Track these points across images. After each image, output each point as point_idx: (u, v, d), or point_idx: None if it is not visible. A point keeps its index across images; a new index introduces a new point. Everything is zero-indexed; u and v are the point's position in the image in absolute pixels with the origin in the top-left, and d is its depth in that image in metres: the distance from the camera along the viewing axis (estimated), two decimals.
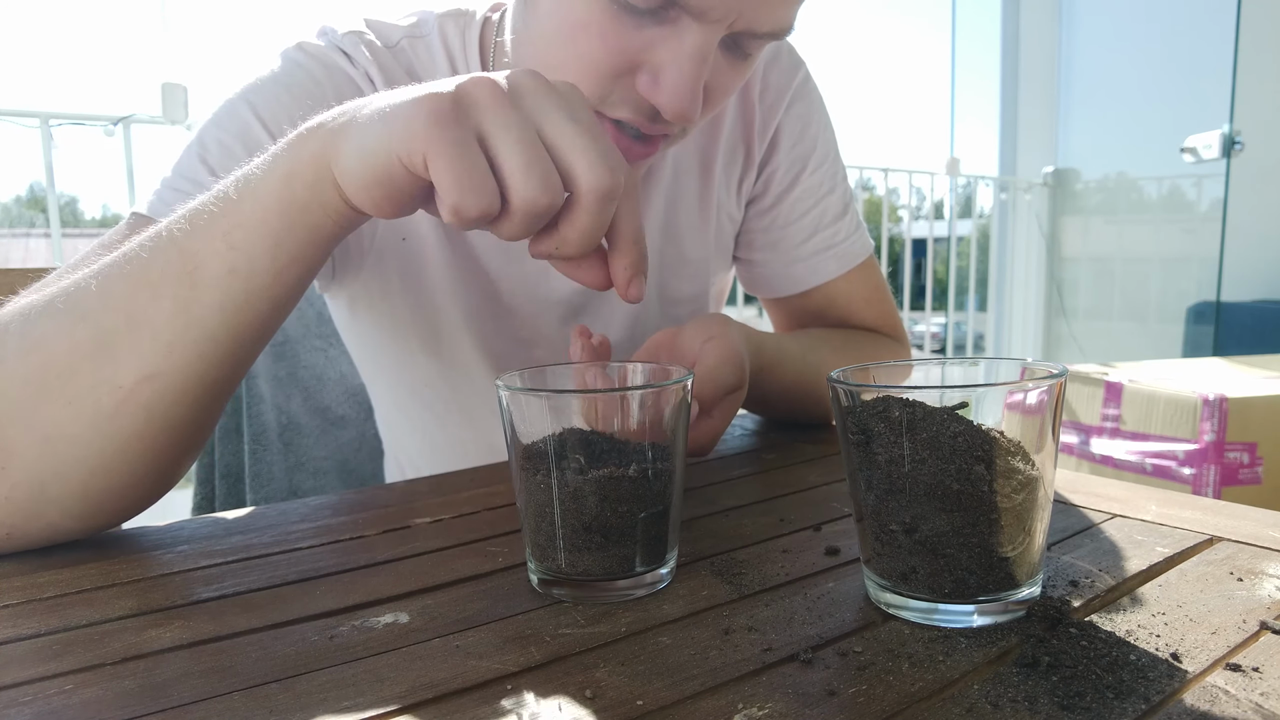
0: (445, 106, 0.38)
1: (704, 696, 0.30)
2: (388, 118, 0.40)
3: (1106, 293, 3.25)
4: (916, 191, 3.06)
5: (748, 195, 0.81)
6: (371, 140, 0.40)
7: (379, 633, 0.36)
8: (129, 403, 0.44)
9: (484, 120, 0.39)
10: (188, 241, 0.44)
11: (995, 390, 0.36)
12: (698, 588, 0.41)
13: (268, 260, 0.44)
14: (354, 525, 0.51)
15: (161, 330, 0.44)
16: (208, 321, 0.44)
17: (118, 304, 0.44)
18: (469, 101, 0.39)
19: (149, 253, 0.44)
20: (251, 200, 0.44)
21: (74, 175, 1.80)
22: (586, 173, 0.39)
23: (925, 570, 0.35)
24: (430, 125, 0.38)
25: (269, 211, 0.43)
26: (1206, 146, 2.68)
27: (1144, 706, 0.29)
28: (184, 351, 0.44)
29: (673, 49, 0.52)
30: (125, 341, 0.44)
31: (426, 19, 0.69)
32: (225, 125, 0.60)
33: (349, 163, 0.41)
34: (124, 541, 0.49)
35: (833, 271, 0.80)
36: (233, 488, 0.96)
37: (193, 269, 0.43)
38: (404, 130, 0.39)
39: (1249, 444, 1.42)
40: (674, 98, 0.52)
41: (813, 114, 0.80)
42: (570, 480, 0.38)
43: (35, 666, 0.34)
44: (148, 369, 0.44)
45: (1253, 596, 0.38)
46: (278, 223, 0.43)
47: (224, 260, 0.43)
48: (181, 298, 0.43)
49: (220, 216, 0.44)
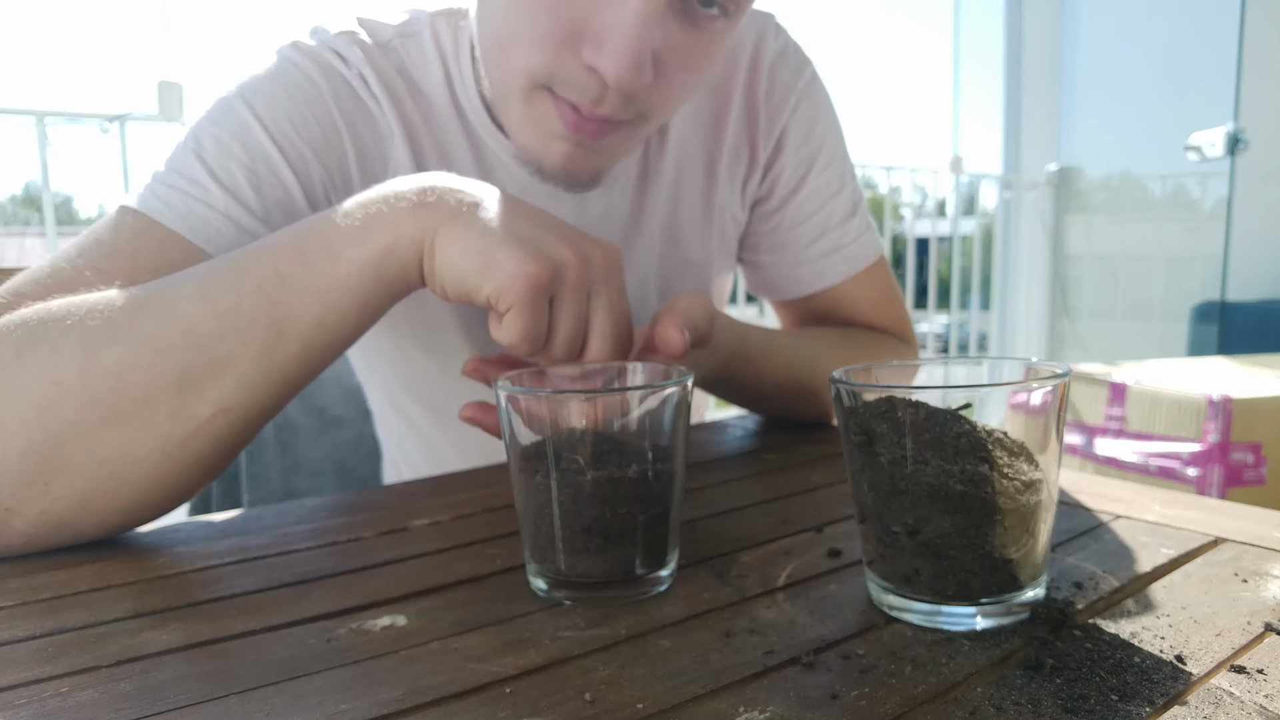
0: (544, 281, 0.46)
1: (705, 700, 0.30)
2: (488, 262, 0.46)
3: (1110, 292, 3.24)
4: (919, 190, 3.06)
5: (753, 197, 0.80)
6: (469, 271, 0.47)
7: (376, 635, 0.36)
8: (201, 432, 0.47)
9: (560, 292, 0.48)
10: (279, 294, 0.47)
11: (999, 390, 0.36)
12: (698, 590, 0.40)
13: (354, 317, 0.49)
14: (351, 527, 0.51)
15: (245, 371, 0.47)
16: (289, 365, 0.48)
17: (204, 344, 0.46)
18: (560, 276, 0.47)
19: (236, 295, 0.47)
20: (347, 265, 0.48)
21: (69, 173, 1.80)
22: (596, 352, 0.50)
23: (928, 572, 0.35)
24: (525, 290, 0.45)
25: (364, 277, 0.48)
26: (1211, 144, 2.67)
27: (1148, 709, 0.28)
28: (262, 390, 0.48)
29: (614, 11, 0.51)
30: (209, 381, 0.46)
31: (418, 17, 0.69)
32: (222, 123, 0.60)
33: (444, 272, 0.48)
34: (120, 543, 0.49)
35: (841, 274, 0.79)
36: (229, 489, 0.96)
37: (282, 319, 0.47)
38: (501, 285, 0.46)
39: (1254, 445, 1.41)
40: (615, 61, 0.51)
41: (819, 114, 0.78)
42: (569, 482, 0.38)
43: (31, 668, 0.34)
44: (225, 403, 0.47)
45: (1258, 598, 0.37)
46: (371, 288, 0.48)
47: (316, 315, 0.47)
48: (268, 344, 0.47)
49: (313, 275, 0.47)
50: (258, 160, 0.59)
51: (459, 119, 0.68)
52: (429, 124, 0.68)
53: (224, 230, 0.57)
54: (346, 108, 0.64)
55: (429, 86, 0.67)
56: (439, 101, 0.68)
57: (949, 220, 3.16)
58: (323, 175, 0.63)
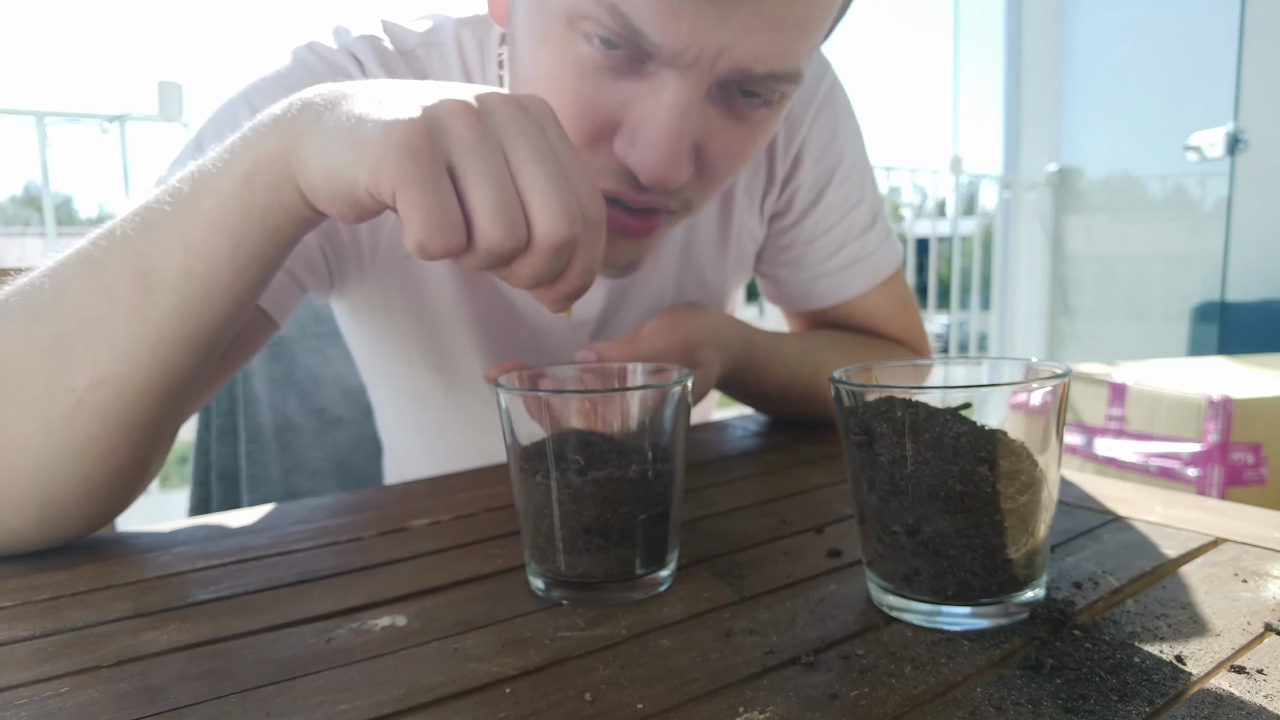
0: (417, 137, 0.37)
1: (705, 700, 0.30)
2: (356, 140, 0.38)
3: (1110, 292, 3.24)
4: (919, 190, 3.06)
5: (770, 212, 0.77)
6: (337, 160, 0.39)
7: (376, 635, 0.36)
8: (83, 406, 0.43)
9: (454, 150, 0.37)
10: (142, 242, 0.42)
11: (999, 390, 0.36)
12: (699, 590, 0.40)
13: (227, 261, 0.42)
14: (351, 527, 0.51)
15: (116, 333, 0.42)
16: (164, 324, 0.42)
17: (72, 305, 0.42)
18: (440, 129, 0.37)
19: (103, 252, 0.43)
20: (210, 198, 0.42)
21: (69, 173, 1.79)
22: (543, 222, 0.38)
23: (928, 572, 0.35)
24: (400, 158, 0.36)
25: (227, 211, 0.41)
26: (1211, 144, 2.67)
27: (1148, 709, 0.29)
28: (140, 354, 0.43)
29: (649, 104, 0.46)
30: (80, 344, 0.42)
31: (443, 24, 0.67)
32: (224, 125, 0.59)
33: (314, 175, 0.40)
34: (120, 543, 0.49)
35: (859, 287, 0.78)
36: (229, 489, 0.96)
37: (147, 270, 0.42)
38: (372, 161, 0.37)
39: (1254, 445, 1.41)
40: (648, 157, 0.46)
41: (839, 124, 0.75)
42: (569, 482, 0.38)
43: (31, 669, 0.34)
44: (103, 372, 0.42)
45: (1258, 598, 0.37)
46: (238, 222, 0.42)
47: (180, 261, 0.42)
48: (136, 300, 0.42)
49: (175, 215, 0.42)
50: None
51: None
52: None
53: None
54: None
55: None
56: None
57: (949, 220, 3.16)
58: None
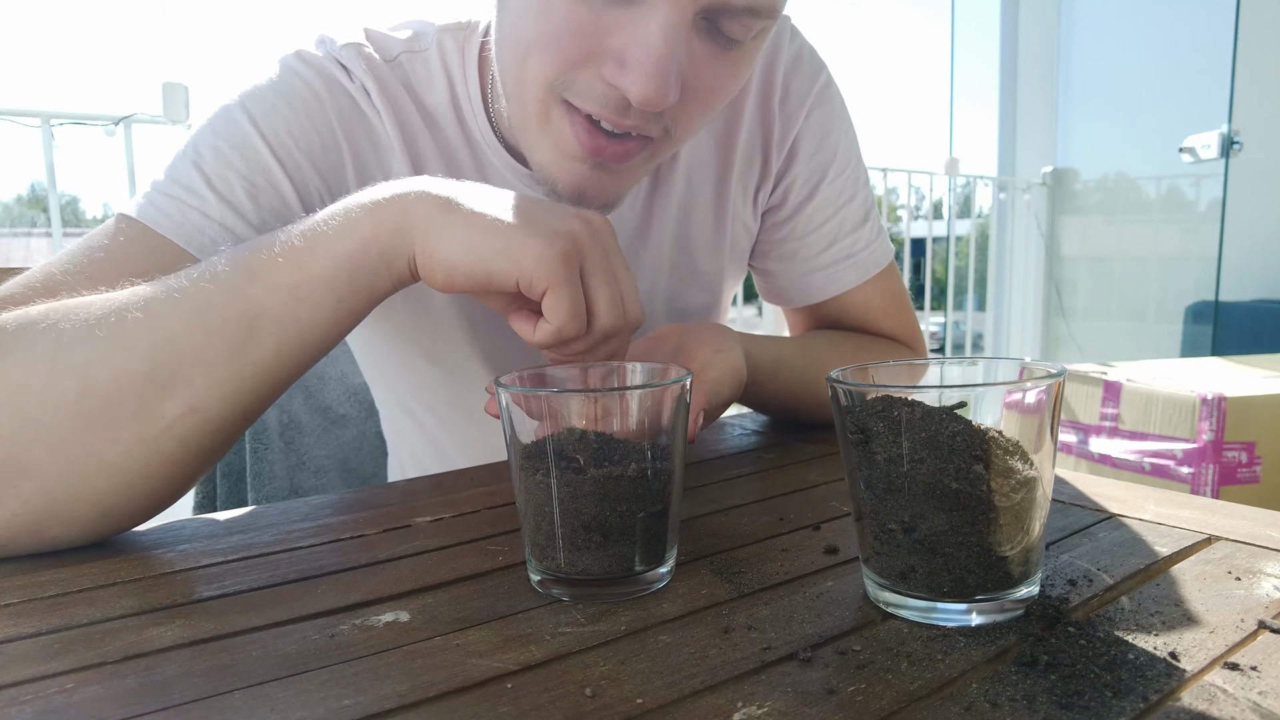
0: (571, 252, 0.45)
1: (703, 695, 0.31)
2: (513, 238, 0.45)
3: (1105, 292, 3.25)
4: (915, 191, 3.06)
5: (764, 206, 0.79)
6: (487, 251, 0.45)
7: (379, 631, 0.37)
8: (169, 433, 0.45)
9: (586, 263, 0.47)
10: (250, 289, 0.46)
11: (994, 390, 0.36)
12: (697, 586, 0.41)
13: (329, 314, 0.47)
14: (355, 524, 0.51)
15: (215, 369, 0.45)
16: (262, 364, 0.46)
17: (172, 342, 0.45)
18: (579, 246, 0.46)
19: (206, 294, 0.46)
20: (324, 258, 0.46)
21: (75, 175, 1.79)
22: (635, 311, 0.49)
23: (924, 569, 0.35)
24: (558, 265, 0.45)
25: (339, 271, 0.46)
26: (1205, 146, 2.68)
27: (1142, 705, 0.29)
28: (234, 389, 0.46)
29: (638, 30, 0.50)
30: (178, 378, 0.45)
31: (425, 32, 0.68)
32: (221, 133, 0.60)
33: (446, 254, 0.46)
34: (125, 540, 0.50)
35: (850, 282, 0.78)
36: (234, 487, 0.96)
37: (254, 316, 0.45)
38: (535, 264, 0.45)
39: (1247, 443, 1.42)
40: (639, 80, 0.50)
41: (834, 120, 0.77)
42: (569, 480, 0.38)
43: (36, 665, 0.34)
44: (194, 403, 0.45)
45: (1251, 596, 0.38)
46: (345, 282, 0.46)
47: (289, 311, 0.46)
48: (240, 341, 0.45)
49: (287, 269, 0.46)
50: (256, 171, 0.59)
51: (464, 136, 0.67)
52: (433, 140, 0.67)
53: (219, 239, 0.57)
54: (347, 119, 0.64)
55: (434, 104, 0.67)
56: (444, 119, 0.67)
57: (945, 221, 3.16)
58: (320, 186, 0.63)
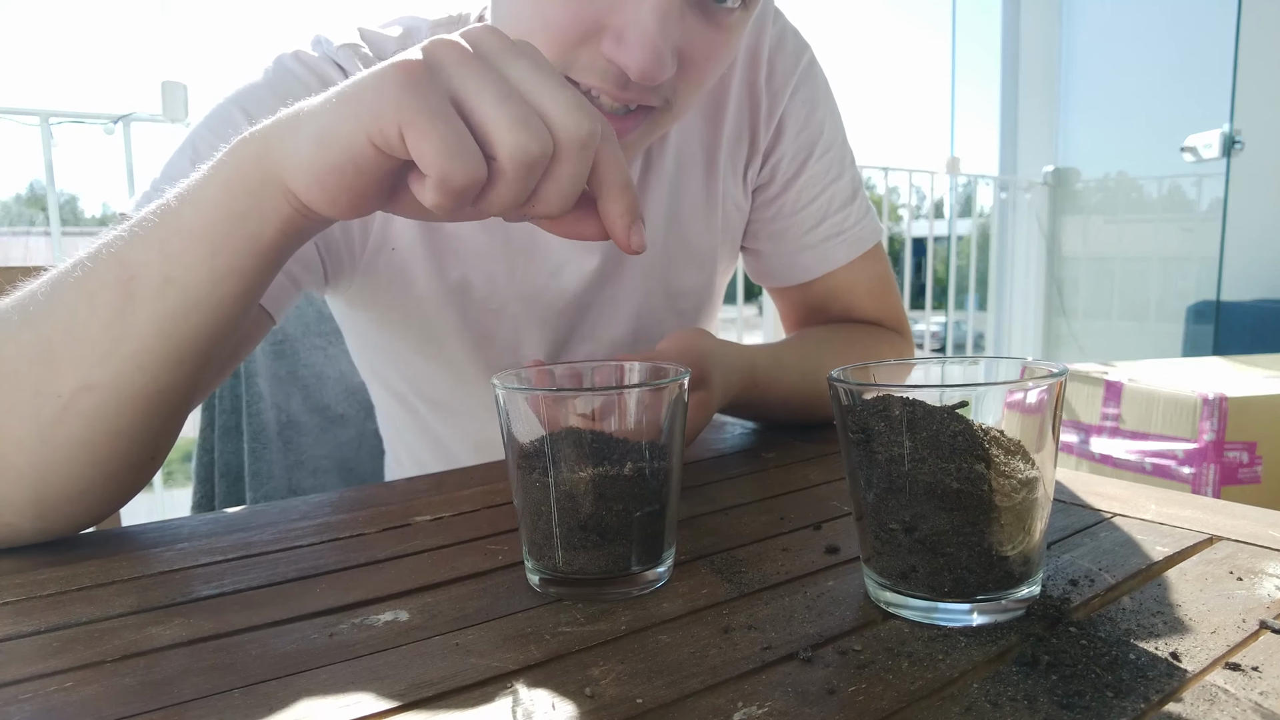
0: (417, 71, 0.35)
1: (703, 695, 0.30)
2: (351, 96, 0.37)
3: (1106, 292, 3.25)
4: (916, 191, 3.06)
5: (754, 184, 0.80)
6: (333, 121, 0.37)
7: (379, 630, 0.36)
8: (69, 411, 0.44)
9: (456, 80, 0.36)
10: (126, 250, 0.43)
11: (995, 389, 0.36)
12: (697, 586, 0.41)
13: (204, 270, 0.42)
14: (354, 523, 0.51)
15: (98, 340, 0.43)
16: (143, 332, 0.43)
17: (58, 312, 0.43)
18: (437, 63, 0.36)
19: (91, 260, 0.44)
20: (191, 207, 0.42)
21: (74, 173, 1.79)
22: (564, 118, 0.36)
23: (925, 569, 0.35)
24: (404, 92, 0.35)
25: (208, 219, 0.42)
26: (1207, 146, 2.68)
27: (1143, 705, 0.29)
28: (121, 362, 0.43)
29: (635, 5, 0.51)
30: (63, 350, 0.43)
31: (417, 28, 0.68)
32: (217, 129, 0.60)
33: (303, 154, 0.39)
34: (124, 539, 0.50)
35: (842, 258, 0.79)
36: (232, 486, 0.96)
37: (128, 278, 0.42)
38: (374, 103, 0.35)
39: (1249, 443, 1.42)
40: (638, 54, 0.51)
41: (818, 99, 0.79)
42: (566, 479, 0.38)
43: (35, 663, 0.34)
44: (85, 379, 0.43)
45: (1252, 596, 0.38)
46: (216, 230, 0.42)
47: (159, 269, 0.42)
48: (117, 307, 0.42)
49: (159, 225, 0.43)
50: None
51: None
52: None
53: None
54: None
55: None
56: None
57: (946, 221, 3.16)
58: None
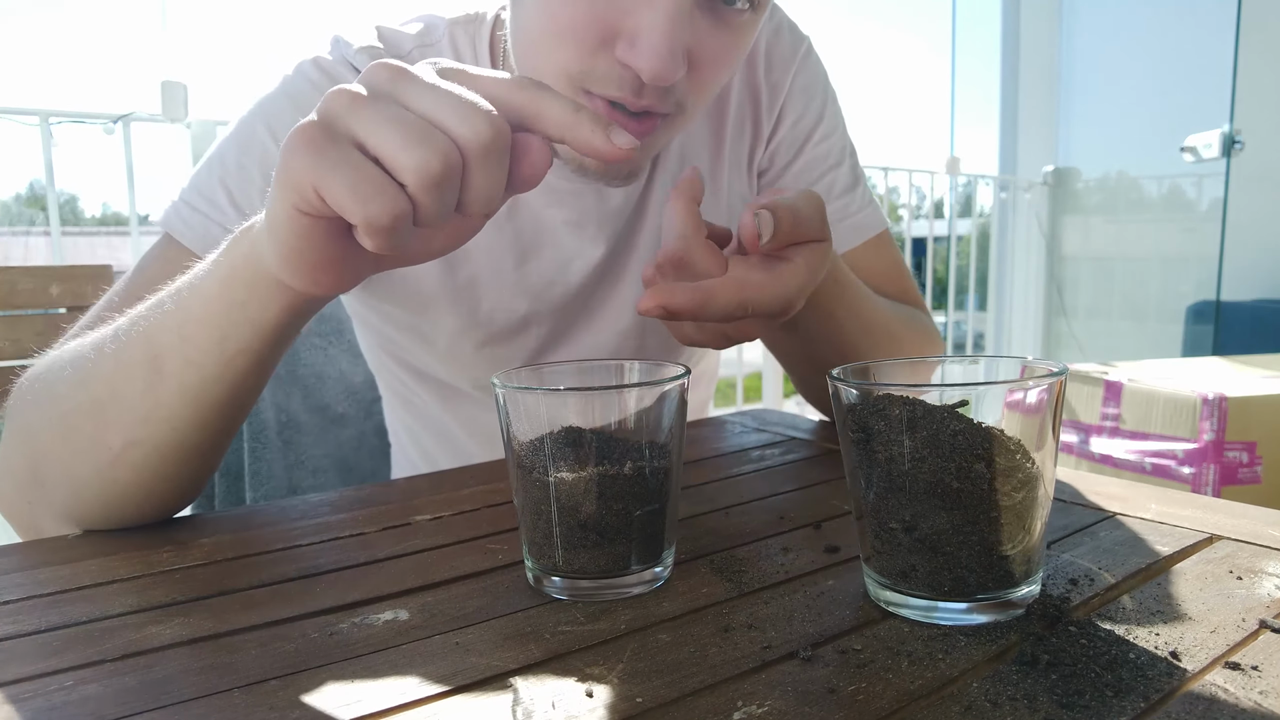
0: (313, 131, 0.36)
1: (703, 694, 0.30)
2: (277, 175, 0.38)
3: (1106, 292, 3.25)
4: (916, 190, 3.06)
5: (758, 170, 0.80)
6: (271, 204, 0.39)
7: (379, 630, 0.36)
8: (119, 461, 0.49)
9: (352, 124, 0.36)
10: (152, 331, 0.48)
11: (995, 389, 0.36)
12: (697, 585, 0.41)
13: (216, 353, 0.47)
14: (354, 522, 0.51)
15: (136, 406, 0.48)
16: (172, 402, 0.48)
17: (104, 378, 0.49)
18: (331, 116, 0.37)
19: (126, 335, 0.49)
20: (200, 300, 0.47)
21: (74, 173, 1.80)
22: (461, 126, 0.36)
23: (925, 568, 0.35)
24: (307, 154, 0.36)
25: (212, 311, 0.46)
26: (1206, 146, 2.68)
27: (1143, 704, 0.29)
28: (157, 425, 0.49)
29: (647, 10, 0.52)
30: (110, 411, 0.49)
31: (436, 25, 0.69)
32: (244, 147, 0.62)
33: (269, 247, 0.41)
34: (124, 539, 0.50)
35: (848, 243, 0.79)
36: (232, 486, 0.96)
37: (155, 356, 0.48)
38: (288, 173, 0.37)
39: (1248, 443, 1.42)
40: (650, 57, 0.52)
41: (816, 87, 0.79)
42: (565, 478, 0.38)
43: (36, 662, 0.34)
44: (130, 437, 0.49)
45: (1252, 595, 0.38)
46: (222, 320, 0.46)
47: (179, 352, 0.47)
48: (149, 380, 0.48)
49: (176, 310, 0.47)
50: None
51: None
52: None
53: None
54: None
55: None
56: None
57: (946, 221, 3.16)
58: None
